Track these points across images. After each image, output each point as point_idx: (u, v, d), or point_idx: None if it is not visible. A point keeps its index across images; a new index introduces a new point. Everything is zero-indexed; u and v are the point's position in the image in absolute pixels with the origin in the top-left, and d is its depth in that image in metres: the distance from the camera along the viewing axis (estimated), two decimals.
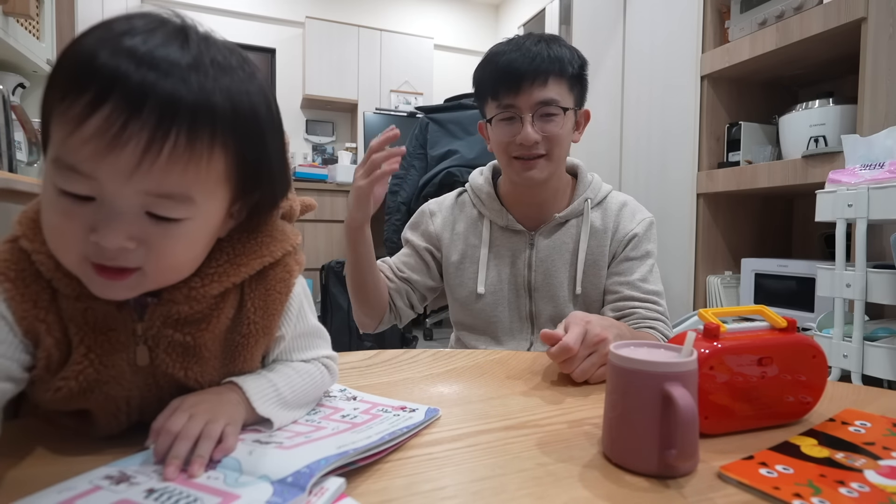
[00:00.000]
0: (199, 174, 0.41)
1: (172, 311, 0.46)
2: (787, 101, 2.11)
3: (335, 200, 3.70)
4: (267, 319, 0.49)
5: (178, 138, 0.38)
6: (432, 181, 2.68)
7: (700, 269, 2.18)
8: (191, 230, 0.42)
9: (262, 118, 0.44)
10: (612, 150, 2.68)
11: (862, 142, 1.43)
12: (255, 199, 0.47)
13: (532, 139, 0.92)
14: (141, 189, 0.39)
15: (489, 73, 0.96)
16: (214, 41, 0.43)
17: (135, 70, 0.37)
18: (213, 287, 0.46)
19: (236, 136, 0.42)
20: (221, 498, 0.36)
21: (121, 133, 0.37)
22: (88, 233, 0.39)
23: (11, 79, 1.74)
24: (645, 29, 2.47)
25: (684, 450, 0.40)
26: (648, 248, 1.02)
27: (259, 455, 0.41)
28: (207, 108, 0.39)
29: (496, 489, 0.40)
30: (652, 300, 0.97)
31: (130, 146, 0.37)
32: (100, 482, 0.37)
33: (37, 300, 0.43)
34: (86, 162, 0.38)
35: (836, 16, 1.62)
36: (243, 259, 0.48)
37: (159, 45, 0.39)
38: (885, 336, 1.38)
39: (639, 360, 0.43)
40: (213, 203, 0.43)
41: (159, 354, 0.47)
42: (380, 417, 0.51)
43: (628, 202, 1.06)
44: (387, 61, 4.87)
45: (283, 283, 0.50)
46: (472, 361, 0.75)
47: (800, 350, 0.52)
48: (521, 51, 0.92)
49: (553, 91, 0.92)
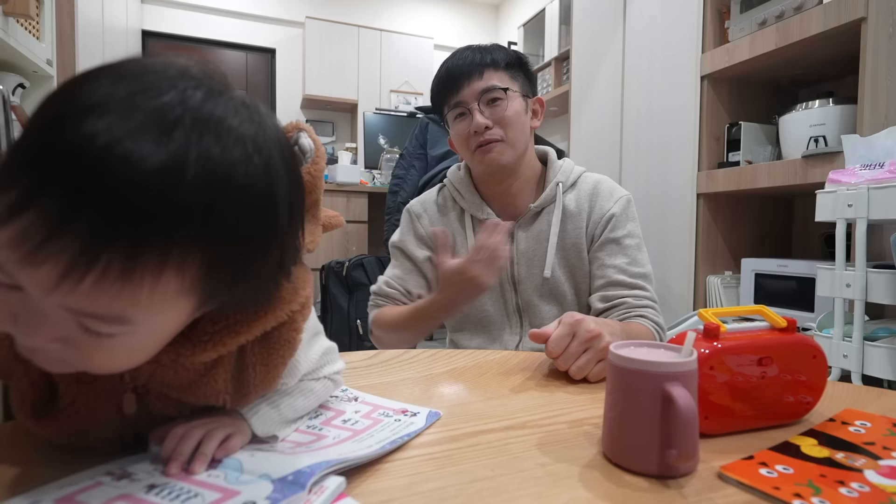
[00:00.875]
0: (139, 299, 0.32)
1: (157, 373, 0.41)
2: (787, 101, 2.11)
3: (335, 200, 3.69)
4: (268, 381, 0.45)
5: (108, 266, 0.30)
6: (432, 181, 2.68)
7: (700, 269, 2.18)
8: (130, 342, 0.35)
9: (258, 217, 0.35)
10: (611, 150, 2.68)
11: (862, 142, 1.43)
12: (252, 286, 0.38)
13: (482, 123, 0.97)
14: (61, 304, 0.32)
15: (435, 87, 1.05)
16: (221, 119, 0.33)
17: (73, 173, 0.29)
18: (204, 355, 0.40)
19: (208, 248, 0.33)
20: (222, 494, 0.36)
21: (37, 251, 0.29)
22: (13, 320, 0.33)
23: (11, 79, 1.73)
24: (645, 29, 2.47)
25: (684, 450, 0.40)
26: (630, 228, 1.01)
27: (261, 458, 0.41)
28: (167, 223, 0.31)
29: (496, 489, 0.40)
30: (639, 285, 0.97)
31: (46, 267, 0.30)
32: (101, 478, 0.38)
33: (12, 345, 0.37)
34: (6, 262, 0.31)
35: (836, 16, 1.62)
36: (243, 327, 0.41)
37: (127, 135, 0.30)
38: (886, 336, 1.38)
39: (639, 360, 0.43)
40: (165, 317, 0.35)
41: (151, 401, 0.44)
42: (381, 423, 0.51)
43: (602, 181, 1.05)
44: (387, 61, 4.87)
45: (288, 344, 0.44)
46: (472, 361, 0.75)
47: (800, 350, 0.52)
48: (454, 58, 1.02)
49: (491, 79, 0.99)
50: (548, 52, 3.89)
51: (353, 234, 3.74)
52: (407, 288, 1.07)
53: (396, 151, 3.77)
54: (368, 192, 3.80)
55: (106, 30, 2.80)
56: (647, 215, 2.45)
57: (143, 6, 4.31)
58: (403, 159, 2.90)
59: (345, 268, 3.09)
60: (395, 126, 4.20)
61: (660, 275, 2.33)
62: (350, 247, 3.71)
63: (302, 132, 0.51)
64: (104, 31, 2.76)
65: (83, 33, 2.31)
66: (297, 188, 0.39)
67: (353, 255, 3.33)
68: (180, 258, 0.32)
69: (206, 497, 0.35)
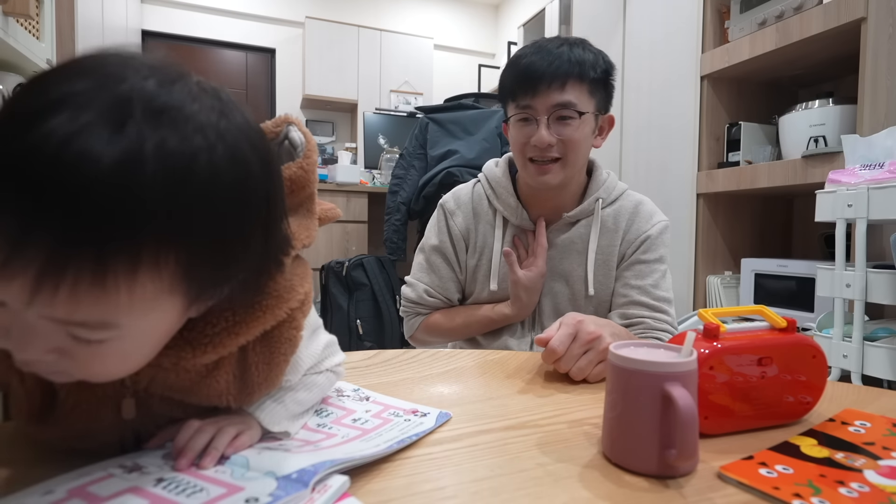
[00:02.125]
0: (119, 303, 0.31)
1: (159, 376, 0.41)
2: (786, 101, 2.11)
3: (335, 200, 3.69)
4: (271, 380, 0.45)
5: (77, 275, 0.29)
6: (432, 181, 2.68)
7: (700, 269, 2.18)
8: (122, 347, 0.34)
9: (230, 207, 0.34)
10: (611, 150, 2.68)
11: (862, 142, 1.43)
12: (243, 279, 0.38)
13: (546, 141, 0.92)
14: (44, 315, 0.31)
15: (510, 75, 0.96)
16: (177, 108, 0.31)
17: (26, 184, 0.27)
18: (205, 357, 0.40)
19: (181, 245, 0.32)
20: (226, 489, 0.37)
21: (4, 266, 0.28)
22: (5, 335, 0.32)
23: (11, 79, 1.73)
24: (645, 29, 2.47)
25: (684, 450, 0.40)
26: (661, 253, 1.00)
27: (268, 455, 0.42)
28: (130, 225, 0.29)
29: (496, 489, 0.40)
30: (661, 309, 0.96)
31: (17, 283, 0.29)
32: (113, 469, 0.39)
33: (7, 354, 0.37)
34: None
35: (836, 16, 1.62)
36: (242, 328, 0.40)
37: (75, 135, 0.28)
38: (885, 336, 1.38)
39: (639, 360, 0.43)
40: (152, 318, 0.34)
41: (153, 405, 0.43)
42: (391, 423, 0.51)
43: (644, 202, 1.03)
44: (386, 61, 4.87)
45: (289, 342, 0.44)
46: (472, 361, 0.75)
47: (800, 350, 0.52)
48: (541, 53, 0.92)
49: (571, 94, 0.91)
50: None
51: (352, 234, 3.74)
52: (448, 296, 1.07)
53: (396, 151, 3.76)
54: (368, 192, 3.80)
55: (106, 30, 2.80)
56: None
57: (142, 6, 4.31)
58: (403, 159, 2.90)
59: (345, 268, 3.09)
60: (394, 126, 4.20)
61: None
62: (350, 247, 3.71)
63: (291, 126, 0.50)
64: (104, 30, 2.76)
65: (83, 33, 2.31)
66: (273, 175, 0.38)
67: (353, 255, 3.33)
68: (152, 258, 0.31)
69: (211, 492, 0.36)
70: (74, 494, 0.35)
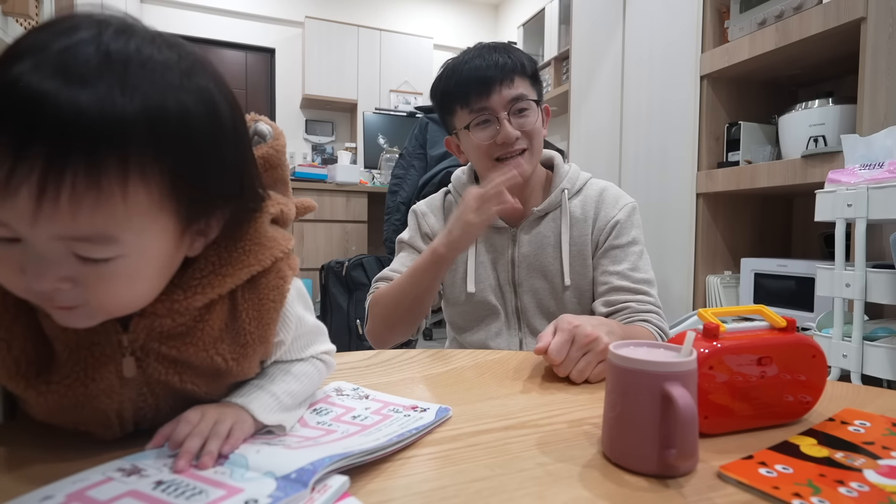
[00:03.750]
0: (115, 212, 0.35)
1: (155, 325, 0.43)
2: (786, 101, 2.11)
3: (335, 200, 3.69)
4: (262, 329, 0.47)
5: (75, 178, 0.32)
6: (432, 181, 2.68)
7: (700, 268, 2.18)
8: (127, 268, 0.37)
9: (202, 127, 0.38)
10: (611, 149, 2.68)
11: (861, 141, 1.43)
12: (225, 216, 0.43)
13: (513, 136, 0.94)
14: (51, 234, 0.34)
15: (455, 83, 0.97)
16: (143, 35, 0.37)
17: (25, 90, 0.32)
18: (196, 300, 0.43)
19: (163, 158, 0.36)
20: (226, 491, 0.36)
21: (9, 179, 0.32)
22: (20, 274, 0.36)
23: None
24: (644, 29, 2.47)
25: (684, 449, 0.40)
26: (634, 235, 1.01)
27: (267, 454, 0.42)
28: (113, 133, 0.33)
29: (496, 489, 0.40)
30: (643, 290, 0.96)
31: (23, 193, 0.32)
32: (112, 473, 0.39)
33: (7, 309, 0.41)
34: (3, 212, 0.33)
35: (836, 15, 1.62)
36: (228, 269, 0.44)
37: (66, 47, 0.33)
38: (885, 336, 1.38)
39: (638, 360, 0.43)
40: (149, 236, 0.38)
41: (150, 364, 0.45)
42: (390, 418, 0.52)
43: (608, 188, 1.05)
44: (386, 61, 4.87)
45: (276, 290, 0.47)
46: (472, 361, 0.75)
47: (799, 350, 0.52)
48: (482, 58, 0.96)
49: (521, 87, 0.96)
50: (547, 52, 3.89)
51: (352, 234, 3.74)
52: None
53: (396, 151, 3.77)
54: (368, 191, 3.80)
55: None
56: (646, 215, 2.45)
57: (142, 6, 4.31)
58: (403, 159, 2.90)
59: (344, 268, 3.09)
60: (394, 126, 4.20)
61: (659, 275, 2.32)
62: (350, 247, 3.71)
63: (258, 121, 0.54)
64: None
65: None
66: (236, 106, 0.42)
67: (353, 255, 3.33)
68: (139, 168, 0.35)
69: (211, 494, 0.36)
70: (73, 499, 0.35)
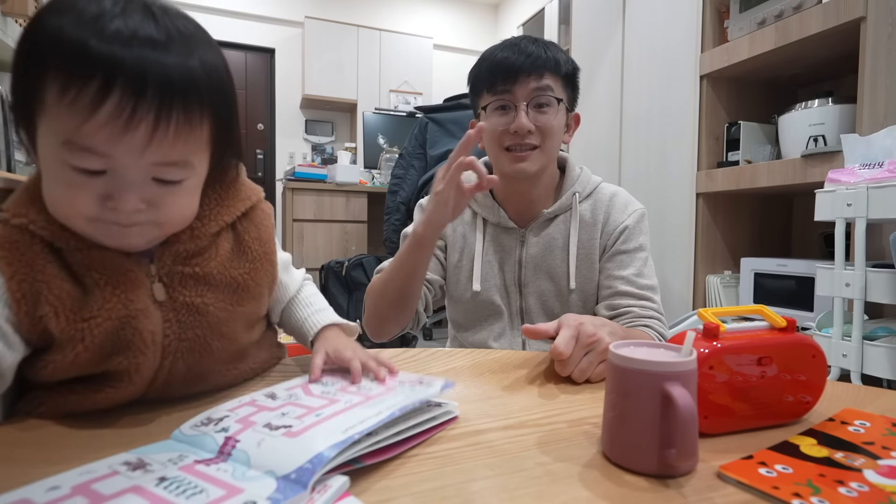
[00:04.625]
0: (195, 141, 0.47)
1: (180, 250, 0.54)
2: (786, 101, 2.11)
3: (335, 200, 3.70)
4: (263, 246, 0.60)
5: (178, 115, 0.44)
6: (431, 181, 2.68)
7: (699, 268, 2.18)
8: (189, 187, 0.50)
9: (229, 81, 0.50)
10: (611, 149, 2.68)
11: (861, 141, 1.43)
12: (224, 155, 0.54)
13: (526, 127, 0.93)
14: (151, 161, 0.45)
15: (486, 68, 0.97)
16: (171, 10, 0.47)
17: (130, 55, 0.42)
18: (210, 226, 0.55)
19: (215, 102, 0.48)
20: (226, 491, 0.37)
21: (132, 117, 0.42)
22: (102, 200, 0.45)
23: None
24: (644, 28, 2.47)
25: (684, 449, 0.40)
26: (641, 241, 1.01)
27: (268, 447, 0.42)
28: (194, 82, 0.45)
29: (496, 489, 0.40)
30: (646, 296, 0.97)
31: (141, 127, 0.43)
32: (118, 467, 0.40)
33: (33, 264, 0.48)
34: (102, 144, 0.43)
35: (836, 15, 1.62)
36: (229, 201, 0.58)
37: (137, 25, 0.43)
38: (885, 335, 1.38)
39: (638, 360, 0.43)
40: (204, 162, 0.51)
41: (175, 288, 0.53)
42: (395, 390, 0.52)
43: (619, 193, 1.05)
44: (386, 61, 4.87)
45: (267, 218, 0.62)
46: (472, 361, 0.75)
47: (799, 349, 0.52)
48: (518, 48, 0.95)
49: (548, 81, 0.94)
50: None
51: (352, 234, 3.74)
52: None
53: (396, 151, 3.77)
54: (368, 191, 3.80)
55: None
56: None
57: None
58: (403, 159, 2.90)
59: (344, 268, 3.09)
60: (394, 126, 4.20)
61: (659, 274, 2.32)
62: (350, 247, 3.71)
63: None
64: None
65: None
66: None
67: (353, 255, 3.33)
68: (205, 109, 0.47)
69: (211, 493, 0.36)
70: (78, 491, 0.36)
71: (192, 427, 0.46)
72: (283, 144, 4.88)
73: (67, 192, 0.45)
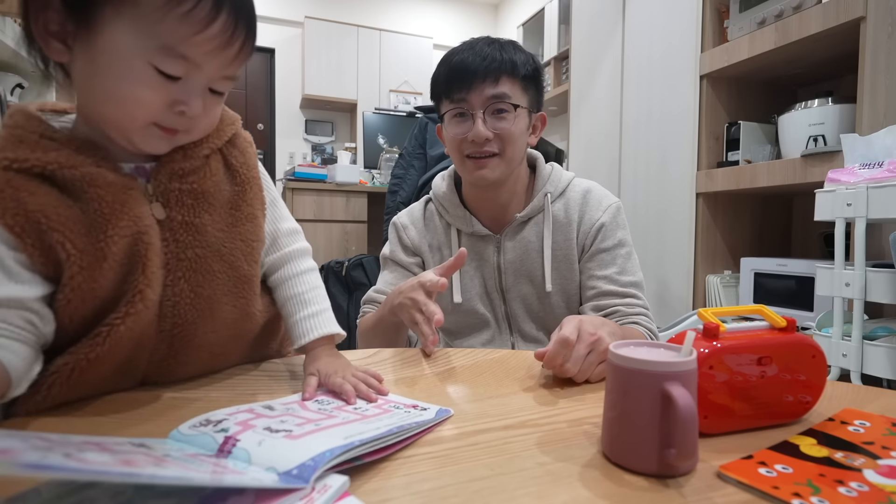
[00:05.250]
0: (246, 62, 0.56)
1: (175, 168, 0.57)
2: (786, 101, 2.11)
3: (335, 200, 3.69)
4: (251, 171, 0.65)
5: (252, 37, 0.54)
6: (431, 180, 2.68)
7: (699, 268, 2.18)
8: (220, 101, 0.57)
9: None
10: (611, 149, 2.68)
11: (861, 141, 1.43)
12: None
13: (483, 136, 0.92)
14: (225, 74, 0.54)
15: (443, 72, 0.96)
16: None
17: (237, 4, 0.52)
18: (202, 148, 0.59)
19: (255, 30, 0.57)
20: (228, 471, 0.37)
21: (232, 36, 0.52)
22: (170, 105, 0.52)
23: (10, 79, 1.73)
24: (644, 28, 2.47)
25: (684, 449, 0.40)
26: (620, 237, 0.99)
27: (269, 447, 0.42)
28: (255, 15, 0.55)
29: (496, 488, 0.40)
30: (631, 293, 0.96)
31: (235, 45, 0.53)
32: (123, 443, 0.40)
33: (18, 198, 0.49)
34: (202, 55, 0.51)
35: (835, 15, 1.62)
36: (217, 129, 0.62)
37: None
38: (885, 335, 1.38)
39: (638, 360, 0.43)
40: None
41: (173, 207, 0.57)
42: (391, 413, 0.52)
43: (592, 189, 1.03)
44: (386, 61, 4.86)
45: (249, 145, 0.67)
46: (471, 361, 0.75)
47: (799, 349, 0.52)
48: (473, 51, 0.93)
49: (505, 88, 0.92)
50: (547, 52, 3.89)
51: (352, 234, 3.74)
52: None
53: (396, 151, 3.76)
54: (368, 191, 3.80)
55: None
56: (646, 215, 2.45)
57: None
58: (403, 159, 2.90)
59: (344, 268, 3.08)
60: (394, 126, 4.20)
61: (659, 274, 2.33)
62: (350, 247, 3.71)
63: None
64: None
65: None
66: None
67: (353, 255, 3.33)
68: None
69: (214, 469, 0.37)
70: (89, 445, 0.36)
71: (191, 427, 0.46)
72: (283, 144, 4.88)
73: (140, 92, 0.50)
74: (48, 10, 0.49)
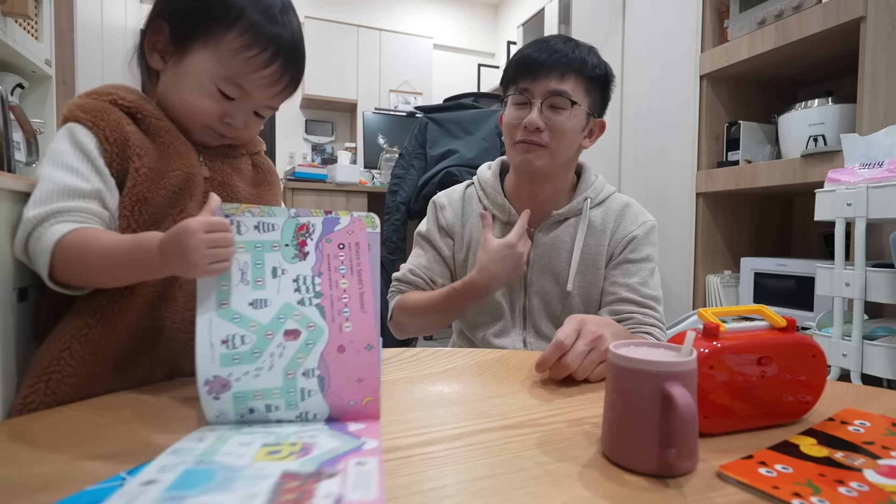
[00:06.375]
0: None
1: (220, 150, 0.74)
2: (786, 101, 2.11)
3: (335, 200, 3.69)
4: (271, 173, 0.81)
5: (296, 83, 0.71)
6: (432, 181, 2.68)
7: (699, 268, 2.18)
8: (262, 122, 0.73)
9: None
10: (611, 149, 2.68)
11: (861, 141, 1.43)
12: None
13: (535, 123, 0.93)
14: (269, 104, 0.70)
15: (513, 63, 0.99)
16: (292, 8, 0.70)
17: (287, 37, 0.67)
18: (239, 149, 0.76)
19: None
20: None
21: (280, 79, 0.68)
22: (221, 117, 0.67)
23: (10, 79, 1.73)
24: (644, 28, 2.47)
25: (684, 449, 0.40)
26: (648, 252, 1.02)
27: None
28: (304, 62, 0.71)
29: (496, 488, 0.40)
30: (650, 305, 0.97)
31: (281, 85, 0.69)
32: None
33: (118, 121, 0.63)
34: (254, 88, 0.67)
35: (835, 15, 1.62)
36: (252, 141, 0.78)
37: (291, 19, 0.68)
38: (885, 335, 1.38)
39: (638, 360, 0.43)
40: None
41: (215, 171, 0.72)
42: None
43: (631, 204, 1.06)
44: (386, 61, 4.87)
45: (272, 163, 0.83)
46: (472, 360, 0.75)
47: (799, 349, 0.52)
48: (547, 44, 0.96)
49: (567, 85, 0.94)
50: None
51: None
52: (431, 277, 1.08)
53: (396, 151, 3.76)
54: (368, 191, 3.79)
55: (105, 29, 2.79)
56: None
57: (142, 6, 4.30)
58: (403, 159, 2.90)
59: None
60: (394, 126, 4.19)
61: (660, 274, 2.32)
62: None
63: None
64: (103, 30, 2.76)
65: (82, 33, 2.31)
66: None
67: None
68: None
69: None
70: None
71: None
72: (283, 144, 4.88)
73: (204, 102, 0.66)
74: (160, 34, 0.67)
